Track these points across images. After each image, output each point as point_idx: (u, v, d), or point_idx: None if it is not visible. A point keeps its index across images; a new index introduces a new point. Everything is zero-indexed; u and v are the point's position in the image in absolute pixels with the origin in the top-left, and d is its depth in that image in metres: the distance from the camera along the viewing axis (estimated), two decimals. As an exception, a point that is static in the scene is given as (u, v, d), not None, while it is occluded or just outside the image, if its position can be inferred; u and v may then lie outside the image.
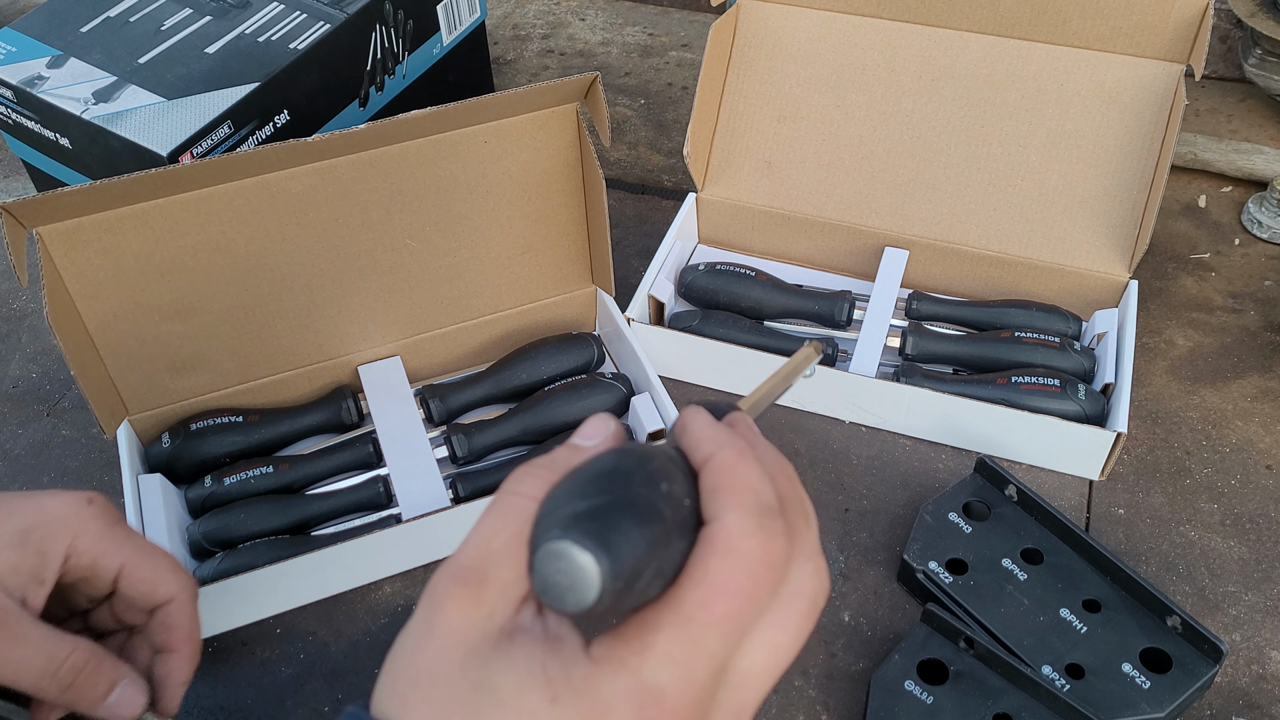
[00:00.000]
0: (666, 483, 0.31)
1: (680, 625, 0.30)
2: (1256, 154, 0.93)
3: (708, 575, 0.30)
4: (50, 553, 0.44)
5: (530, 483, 0.33)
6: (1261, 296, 0.85)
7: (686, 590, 0.30)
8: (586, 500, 0.30)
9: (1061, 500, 0.72)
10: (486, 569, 0.31)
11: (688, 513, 0.32)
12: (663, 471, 0.32)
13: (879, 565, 0.69)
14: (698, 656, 0.29)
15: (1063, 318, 0.78)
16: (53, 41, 0.82)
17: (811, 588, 0.33)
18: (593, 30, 1.18)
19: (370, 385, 0.76)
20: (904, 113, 0.83)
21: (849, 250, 0.85)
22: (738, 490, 0.32)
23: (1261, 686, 0.62)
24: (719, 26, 0.82)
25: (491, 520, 0.33)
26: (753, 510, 0.31)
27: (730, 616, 0.30)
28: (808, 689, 0.63)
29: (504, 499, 0.33)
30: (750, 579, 0.30)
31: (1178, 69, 0.78)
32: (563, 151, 0.75)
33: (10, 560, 0.43)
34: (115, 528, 0.46)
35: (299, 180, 0.69)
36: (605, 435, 0.36)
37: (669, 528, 0.30)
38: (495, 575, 0.31)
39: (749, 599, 0.30)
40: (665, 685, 0.29)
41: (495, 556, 0.32)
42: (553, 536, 0.29)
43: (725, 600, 0.30)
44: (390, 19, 0.88)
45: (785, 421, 0.77)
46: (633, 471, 0.31)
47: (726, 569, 0.30)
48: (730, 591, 0.30)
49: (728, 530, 0.31)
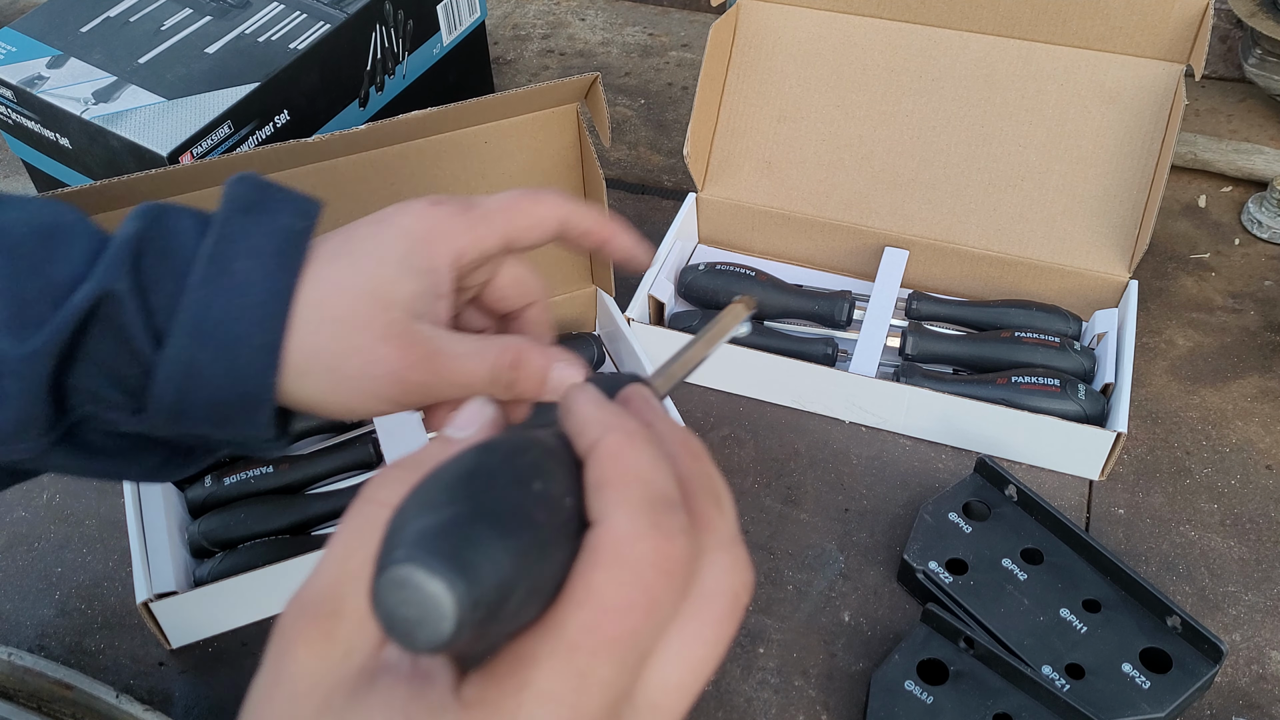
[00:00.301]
0: (540, 480, 0.27)
1: (563, 656, 0.25)
2: (1256, 154, 0.93)
3: (592, 592, 0.25)
4: (439, 267, 0.41)
5: (391, 488, 0.28)
6: (1261, 296, 0.85)
7: (568, 612, 0.25)
8: (438, 512, 0.25)
9: (1061, 500, 0.72)
10: (341, 598, 0.27)
11: (569, 514, 0.27)
12: (536, 467, 0.27)
13: (879, 565, 0.69)
14: (587, 691, 0.25)
15: (1063, 318, 0.78)
16: (53, 41, 0.82)
17: (729, 583, 0.28)
18: (593, 30, 1.18)
19: (370, 385, 0.76)
20: (904, 113, 0.83)
21: (849, 250, 0.85)
22: (626, 483, 0.27)
23: (1261, 686, 0.62)
24: (719, 26, 0.82)
25: (346, 537, 0.28)
26: (644, 506, 0.26)
27: (623, 638, 0.25)
28: (808, 689, 0.63)
29: (361, 509, 0.28)
30: (645, 591, 0.26)
31: (1178, 69, 0.78)
32: (563, 152, 0.75)
33: (410, 287, 0.40)
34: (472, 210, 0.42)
35: (299, 181, 0.69)
36: (481, 423, 0.31)
37: (544, 536, 0.26)
38: (351, 605, 0.26)
39: (645, 614, 0.26)
40: None
41: (351, 582, 0.27)
42: (395, 560, 0.24)
43: (615, 620, 0.25)
44: (390, 19, 0.88)
45: (785, 421, 0.77)
46: (497, 470, 0.26)
47: (614, 582, 0.25)
48: (620, 609, 0.25)
49: (614, 534, 0.26)
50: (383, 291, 0.39)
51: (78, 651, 0.66)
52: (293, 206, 0.40)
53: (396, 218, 0.41)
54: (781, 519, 0.71)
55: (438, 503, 0.25)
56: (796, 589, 0.68)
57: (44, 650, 0.66)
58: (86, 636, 0.67)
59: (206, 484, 0.70)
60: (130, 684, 0.64)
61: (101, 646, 0.66)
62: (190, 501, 0.70)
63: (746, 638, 0.65)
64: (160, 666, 0.65)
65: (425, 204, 0.42)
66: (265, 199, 0.40)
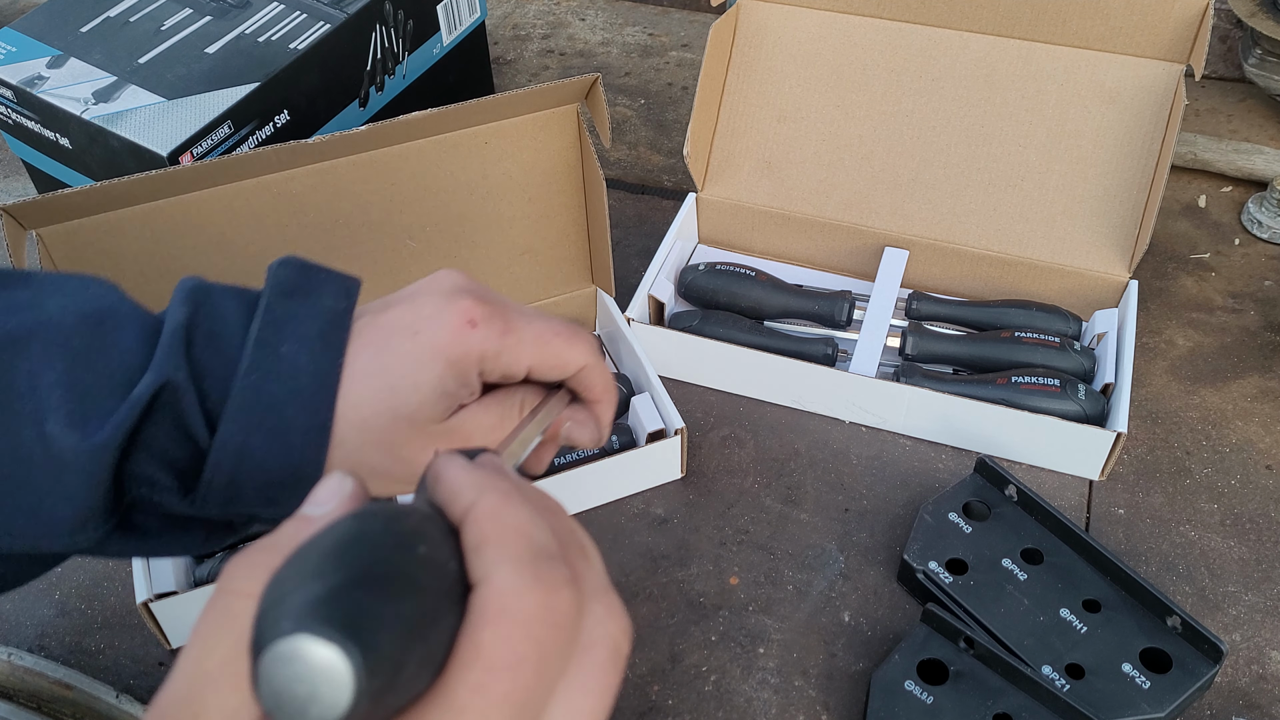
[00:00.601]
0: (423, 544, 0.26)
1: None
2: (1256, 154, 0.93)
3: (481, 651, 0.24)
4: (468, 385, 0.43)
5: (249, 574, 0.26)
6: (1261, 296, 0.85)
7: (455, 674, 0.24)
8: (321, 579, 0.23)
9: (1061, 500, 0.72)
10: (202, 700, 0.25)
11: (453, 579, 0.26)
12: (416, 532, 0.26)
13: (879, 565, 0.69)
14: None
15: (1063, 318, 0.78)
16: (53, 41, 0.82)
17: (607, 632, 0.28)
18: (593, 30, 1.18)
19: (370, 385, 0.76)
20: (904, 113, 0.83)
21: (849, 250, 0.85)
22: (507, 540, 0.26)
23: (1261, 686, 0.62)
24: (719, 26, 0.82)
25: (202, 635, 0.26)
26: (527, 560, 0.26)
27: (514, 695, 0.24)
28: (808, 689, 0.63)
29: (215, 603, 0.26)
30: (535, 645, 0.25)
31: (1178, 69, 0.78)
32: (563, 152, 0.75)
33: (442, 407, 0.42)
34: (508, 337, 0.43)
35: (299, 181, 0.69)
36: (341, 498, 0.29)
37: (432, 600, 0.25)
38: (214, 705, 0.25)
39: (536, 670, 0.25)
40: None
41: (211, 681, 0.25)
42: (281, 633, 0.22)
43: (505, 679, 0.24)
44: (390, 19, 0.88)
45: (785, 421, 0.77)
46: (379, 536, 0.25)
47: (502, 639, 0.25)
48: (509, 666, 0.24)
49: (499, 590, 0.25)
50: (423, 415, 0.41)
51: (78, 651, 0.66)
52: (334, 287, 0.42)
53: (434, 336, 0.42)
54: (781, 519, 0.71)
55: (319, 571, 0.24)
56: (796, 589, 0.68)
57: (44, 650, 0.66)
58: (86, 636, 0.67)
59: (206, 484, 0.70)
60: (130, 684, 0.64)
61: (101, 646, 0.66)
62: (190, 501, 0.70)
63: (746, 638, 0.65)
64: (160, 666, 0.65)
65: (460, 319, 0.42)
66: (307, 281, 0.41)
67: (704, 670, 0.64)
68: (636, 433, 0.72)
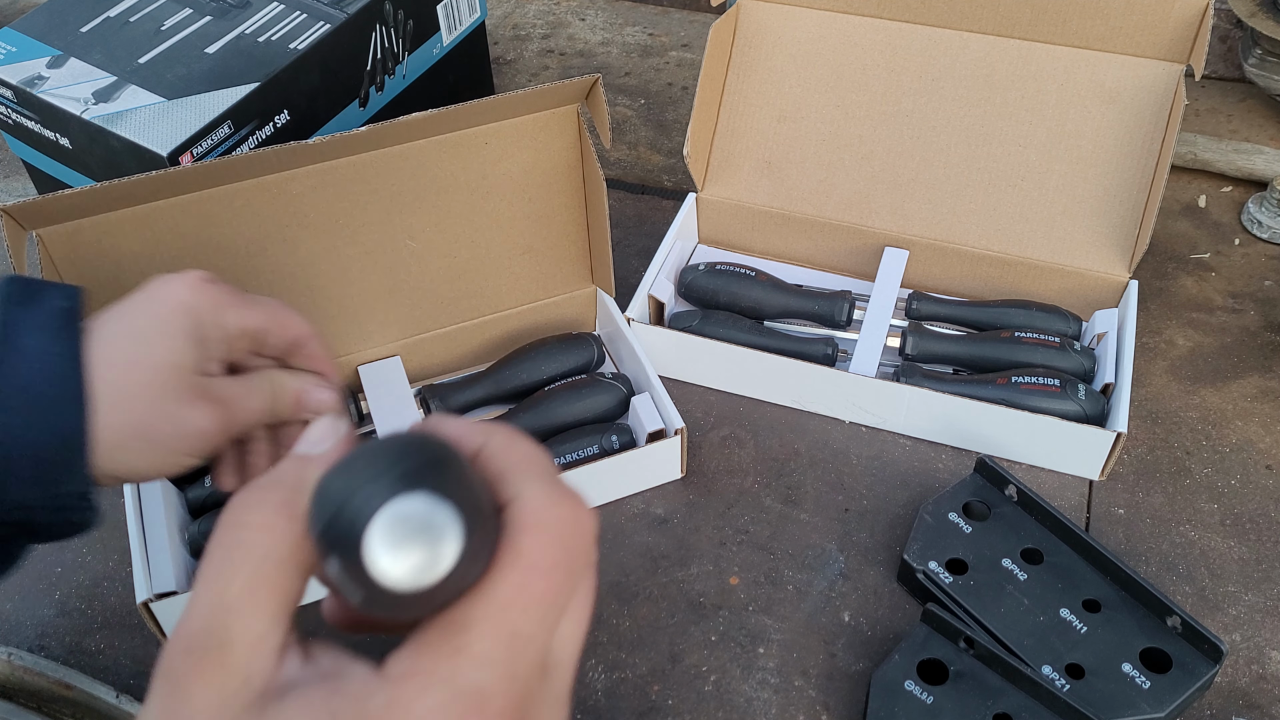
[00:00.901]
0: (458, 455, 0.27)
1: (496, 616, 0.26)
2: (1256, 154, 0.93)
3: (521, 555, 0.27)
4: (215, 336, 0.48)
5: (259, 510, 0.28)
6: (1261, 296, 0.85)
7: (500, 574, 0.26)
8: (396, 465, 0.25)
9: (1061, 500, 0.72)
10: (226, 628, 0.26)
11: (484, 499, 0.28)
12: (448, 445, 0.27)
13: (879, 565, 0.69)
14: (520, 649, 0.26)
15: (1063, 318, 0.78)
16: (53, 41, 0.82)
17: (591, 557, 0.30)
18: (593, 30, 1.18)
19: (370, 385, 0.76)
20: (904, 113, 0.83)
21: (849, 250, 0.85)
22: (529, 464, 0.29)
23: (1261, 686, 0.62)
24: (719, 26, 0.82)
25: (217, 567, 0.27)
26: (549, 480, 0.28)
27: (549, 595, 0.27)
28: (808, 689, 0.63)
29: (225, 536, 0.27)
30: (566, 551, 0.27)
31: (1178, 69, 0.78)
32: (563, 153, 0.75)
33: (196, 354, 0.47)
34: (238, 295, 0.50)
35: (299, 182, 0.69)
36: (336, 438, 0.32)
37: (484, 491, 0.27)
38: (239, 632, 0.26)
39: (567, 573, 0.27)
40: (487, 688, 0.25)
41: (233, 610, 0.26)
42: (399, 492, 0.24)
43: (544, 578, 0.27)
44: (390, 19, 0.88)
45: (785, 421, 0.77)
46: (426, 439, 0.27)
47: (541, 544, 0.27)
48: (548, 568, 0.27)
49: (532, 505, 0.28)
50: (176, 361, 0.46)
51: (78, 651, 0.66)
52: (59, 292, 0.47)
53: (171, 293, 0.48)
54: (781, 519, 0.71)
55: (387, 462, 0.25)
56: (796, 589, 0.68)
57: (44, 650, 0.66)
58: (86, 636, 0.67)
59: (206, 484, 0.70)
60: (130, 684, 0.64)
61: (101, 646, 0.66)
62: (190, 501, 0.70)
63: (746, 638, 0.65)
64: (160, 666, 0.65)
65: (194, 278, 0.49)
66: (34, 291, 0.46)
67: (704, 670, 0.64)
68: (636, 433, 0.72)
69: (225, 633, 0.26)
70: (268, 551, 0.27)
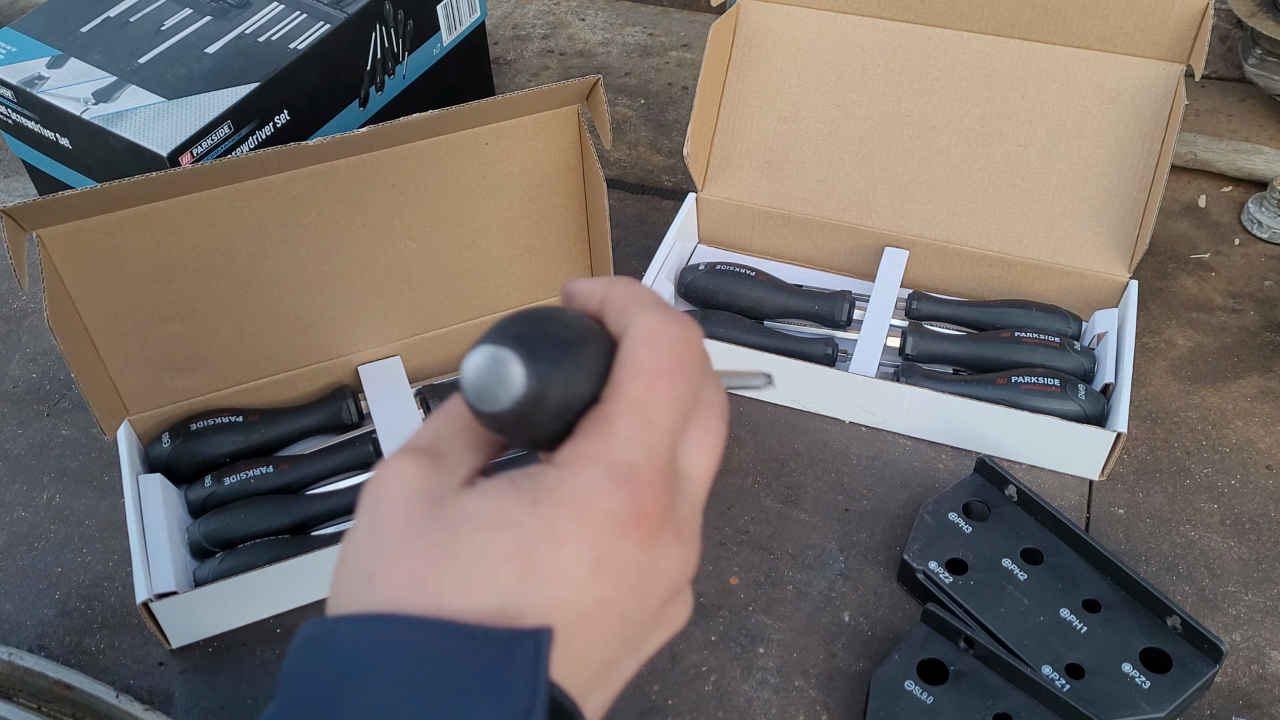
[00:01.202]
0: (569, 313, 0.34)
1: (631, 409, 0.31)
2: (1256, 154, 0.93)
3: (640, 364, 0.32)
4: None
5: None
6: (1261, 296, 0.85)
7: (627, 378, 0.32)
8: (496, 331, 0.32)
9: (1061, 500, 0.72)
10: (444, 443, 0.33)
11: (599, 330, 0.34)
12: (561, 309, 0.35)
13: (879, 565, 0.69)
14: (655, 434, 0.31)
15: (1063, 318, 0.78)
16: (53, 41, 0.82)
17: (718, 397, 0.35)
18: (593, 30, 1.18)
19: (370, 385, 0.76)
20: (904, 113, 0.83)
21: (849, 250, 0.85)
22: (643, 300, 0.34)
23: (1261, 686, 0.62)
24: (719, 26, 0.82)
25: (441, 414, 0.34)
26: (661, 309, 0.33)
27: (671, 395, 0.32)
28: (808, 689, 0.63)
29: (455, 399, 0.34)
30: (679, 360, 0.32)
31: (1178, 69, 0.78)
32: (564, 153, 0.75)
33: None
34: None
35: (299, 182, 0.69)
36: None
37: (585, 336, 0.33)
38: (450, 451, 0.33)
39: (684, 377, 0.32)
40: (635, 462, 0.31)
41: (448, 439, 0.33)
42: (475, 344, 0.31)
43: (665, 381, 0.32)
44: (390, 19, 0.88)
45: (785, 421, 0.77)
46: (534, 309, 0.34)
47: (657, 355, 0.32)
48: (666, 372, 0.32)
49: (646, 325, 0.33)
50: None
51: (78, 651, 0.66)
52: None
53: None
54: (781, 519, 0.71)
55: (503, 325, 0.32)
56: (796, 589, 0.68)
57: (44, 650, 0.66)
58: (86, 636, 0.67)
59: (206, 484, 0.70)
60: (130, 684, 0.64)
61: (101, 646, 0.66)
62: (190, 501, 0.70)
63: (746, 638, 0.65)
64: (160, 666, 0.65)
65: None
66: None
67: (704, 670, 0.64)
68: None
69: (443, 444, 0.33)
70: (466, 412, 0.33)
